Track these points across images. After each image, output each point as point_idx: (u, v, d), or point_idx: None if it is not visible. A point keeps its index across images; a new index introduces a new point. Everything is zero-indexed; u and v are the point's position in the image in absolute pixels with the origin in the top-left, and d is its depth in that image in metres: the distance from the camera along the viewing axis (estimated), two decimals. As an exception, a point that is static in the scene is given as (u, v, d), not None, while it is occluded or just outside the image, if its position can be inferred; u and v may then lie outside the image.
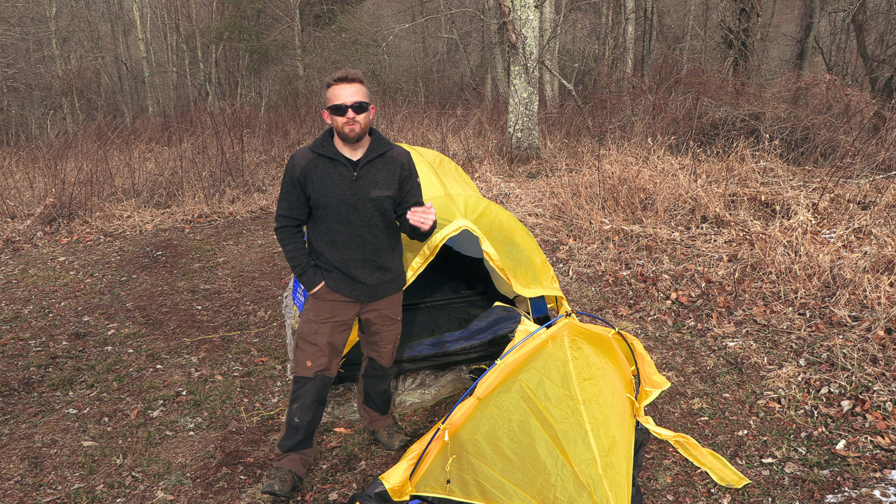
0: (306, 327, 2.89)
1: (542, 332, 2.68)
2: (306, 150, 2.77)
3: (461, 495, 2.61)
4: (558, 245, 6.61)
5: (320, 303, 2.86)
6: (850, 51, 17.60)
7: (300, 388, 2.92)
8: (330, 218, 2.75)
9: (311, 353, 2.88)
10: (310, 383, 2.91)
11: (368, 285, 2.87)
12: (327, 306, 2.86)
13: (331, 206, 2.73)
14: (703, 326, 4.61)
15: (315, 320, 2.87)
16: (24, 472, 3.18)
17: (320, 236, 2.82)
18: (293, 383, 2.94)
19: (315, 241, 2.85)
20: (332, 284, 2.83)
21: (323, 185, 2.71)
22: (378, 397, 3.26)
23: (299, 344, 2.90)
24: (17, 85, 20.06)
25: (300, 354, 2.90)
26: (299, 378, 2.92)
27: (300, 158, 2.74)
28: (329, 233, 2.78)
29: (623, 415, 2.70)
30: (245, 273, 6.29)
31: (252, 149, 11.23)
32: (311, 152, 2.74)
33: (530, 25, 10.04)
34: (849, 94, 9.81)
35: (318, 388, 2.93)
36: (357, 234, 2.79)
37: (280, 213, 2.80)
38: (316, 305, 2.87)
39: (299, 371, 2.92)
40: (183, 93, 24.38)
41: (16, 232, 7.58)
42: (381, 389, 3.24)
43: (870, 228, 5.59)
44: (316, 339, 2.87)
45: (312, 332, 2.87)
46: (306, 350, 2.88)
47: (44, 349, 4.62)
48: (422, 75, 21.19)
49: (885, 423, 3.32)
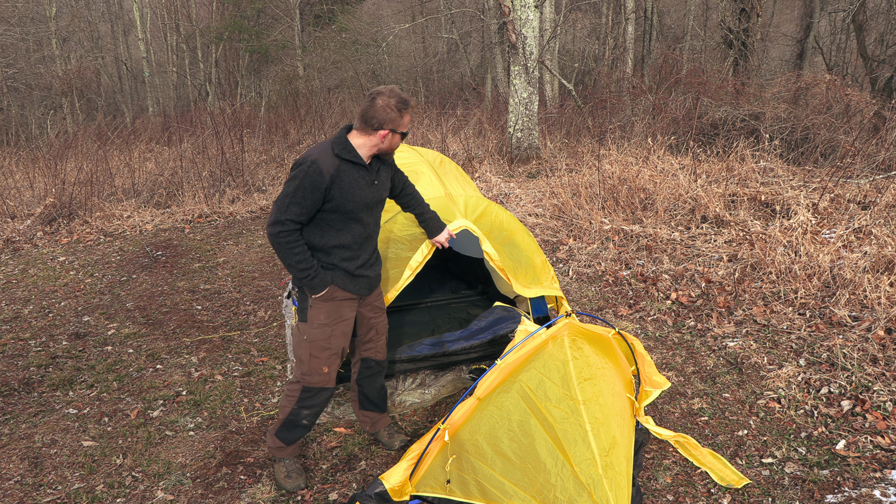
0: (319, 332, 2.79)
1: (543, 333, 2.68)
2: (329, 154, 2.66)
3: (461, 495, 2.61)
4: (558, 245, 6.61)
5: (328, 304, 2.80)
6: (850, 51, 17.60)
7: (313, 397, 2.88)
8: (347, 220, 2.74)
9: (326, 358, 2.83)
10: (324, 392, 2.88)
11: (369, 278, 2.91)
12: (334, 307, 2.82)
13: (354, 211, 2.72)
14: (703, 326, 4.61)
15: (328, 323, 2.80)
16: (24, 472, 3.18)
17: (330, 238, 2.75)
18: (302, 391, 2.87)
19: (321, 243, 2.75)
20: (339, 283, 2.79)
21: (351, 190, 2.68)
22: (376, 395, 3.24)
23: (313, 352, 2.81)
24: (17, 85, 20.06)
25: (315, 363, 2.82)
26: (312, 388, 2.86)
27: (327, 164, 2.62)
28: (343, 235, 2.76)
29: (623, 415, 2.70)
30: (245, 273, 6.29)
31: (252, 149, 11.23)
32: (336, 158, 2.66)
33: (530, 25, 10.04)
34: (849, 94, 9.81)
35: (330, 397, 2.95)
36: (369, 234, 2.86)
37: (289, 219, 2.61)
38: (325, 308, 2.80)
39: (315, 380, 2.84)
40: (183, 93, 24.38)
41: (16, 232, 7.58)
42: (378, 386, 3.23)
43: (870, 228, 5.59)
44: (331, 342, 2.82)
45: (327, 336, 2.80)
46: (322, 357, 2.82)
47: (44, 349, 4.62)
48: (422, 75, 21.19)
49: (885, 423, 3.32)
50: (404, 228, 3.39)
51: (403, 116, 2.68)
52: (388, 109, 2.64)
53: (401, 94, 2.68)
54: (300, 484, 2.96)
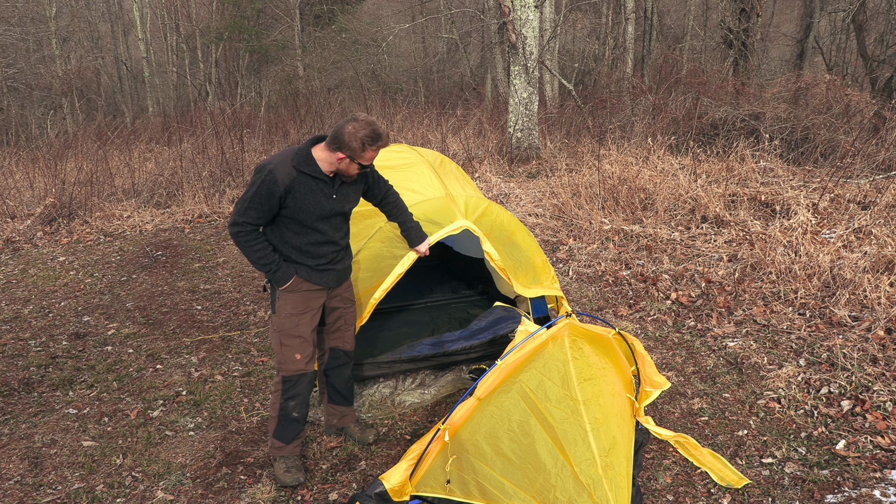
0: (287, 321, 2.89)
1: (543, 333, 2.68)
2: (288, 165, 2.73)
3: (461, 495, 2.61)
4: (558, 245, 6.61)
5: (294, 295, 2.89)
6: (850, 51, 17.60)
7: (294, 385, 2.94)
8: (304, 227, 2.83)
9: (297, 345, 2.91)
10: (303, 377, 2.95)
11: (337, 271, 2.99)
12: (300, 297, 2.90)
13: (308, 220, 2.80)
14: (703, 326, 4.61)
15: (294, 313, 2.89)
16: (24, 472, 3.18)
17: (290, 239, 2.85)
18: (282, 382, 2.94)
19: (280, 243, 2.85)
20: (304, 275, 2.88)
21: (306, 201, 2.76)
22: (343, 386, 3.28)
23: (283, 340, 2.90)
24: (17, 85, 20.06)
25: (287, 351, 2.91)
26: (290, 376, 2.93)
27: (283, 175, 2.69)
28: (301, 238, 2.85)
29: (623, 415, 2.70)
30: (245, 273, 6.29)
31: (252, 149, 11.22)
32: (294, 170, 2.72)
33: (530, 25, 10.04)
34: (849, 94, 9.81)
35: (311, 381, 3.00)
36: (329, 240, 2.91)
37: (246, 221, 2.72)
38: (291, 298, 2.89)
39: (290, 367, 2.92)
40: (183, 93, 24.36)
41: (16, 232, 7.58)
42: (346, 377, 3.28)
43: (870, 228, 5.59)
44: (299, 330, 2.90)
45: (294, 325, 2.89)
46: (292, 345, 2.90)
47: (44, 349, 4.62)
48: (422, 75, 21.18)
49: (885, 423, 3.32)
50: None
51: (366, 150, 2.69)
52: (353, 138, 2.66)
53: (376, 131, 2.68)
54: (299, 478, 2.99)
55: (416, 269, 5.16)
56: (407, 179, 3.83)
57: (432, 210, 3.49)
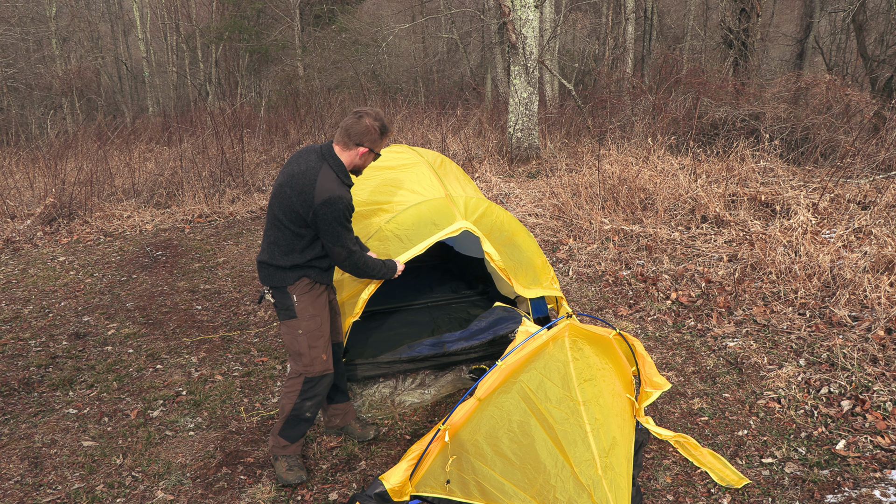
0: (311, 323, 2.94)
1: (543, 333, 2.68)
2: (344, 188, 2.82)
3: (461, 495, 2.61)
4: (558, 245, 6.61)
5: (310, 295, 2.95)
6: (850, 51, 17.59)
7: (315, 386, 2.98)
8: None
9: (323, 346, 2.97)
10: (325, 378, 3.00)
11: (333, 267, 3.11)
12: (317, 298, 2.98)
13: None
14: (703, 326, 4.61)
15: (316, 313, 2.96)
16: (24, 472, 3.18)
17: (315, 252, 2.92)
18: (305, 383, 2.96)
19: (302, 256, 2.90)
20: (314, 276, 2.95)
21: None
22: (339, 380, 3.33)
23: (311, 342, 2.94)
24: (17, 85, 20.05)
25: (315, 352, 2.95)
26: (314, 377, 2.97)
27: (349, 193, 2.86)
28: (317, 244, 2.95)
29: (623, 415, 2.70)
30: (245, 273, 6.29)
31: (252, 149, 11.23)
32: (347, 188, 2.85)
33: (530, 25, 10.04)
34: (849, 94, 9.81)
35: (331, 381, 3.05)
36: None
37: (354, 248, 2.89)
38: (311, 301, 2.95)
39: (316, 369, 2.96)
40: (183, 93, 24.36)
41: (16, 232, 7.58)
42: (341, 371, 3.34)
43: (870, 228, 5.59)
44: (323, 330, 2.98)
45: (318, 325, 2.96)
46: (319, 345, 2.96)
47: (44, 349, 4.62)
48: (422, 75, 21.18)
49: (885, 423, 3.32)
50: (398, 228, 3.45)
51: (383, 138, 2.93)
52: (372, 129, 2.84)
53: (383, 119, 2.93)
54: (302, 476, 3.01)
55: (416, 269, 5.16)
56: (407, 180, 3.83)
57: (432, 211, 3.49)
